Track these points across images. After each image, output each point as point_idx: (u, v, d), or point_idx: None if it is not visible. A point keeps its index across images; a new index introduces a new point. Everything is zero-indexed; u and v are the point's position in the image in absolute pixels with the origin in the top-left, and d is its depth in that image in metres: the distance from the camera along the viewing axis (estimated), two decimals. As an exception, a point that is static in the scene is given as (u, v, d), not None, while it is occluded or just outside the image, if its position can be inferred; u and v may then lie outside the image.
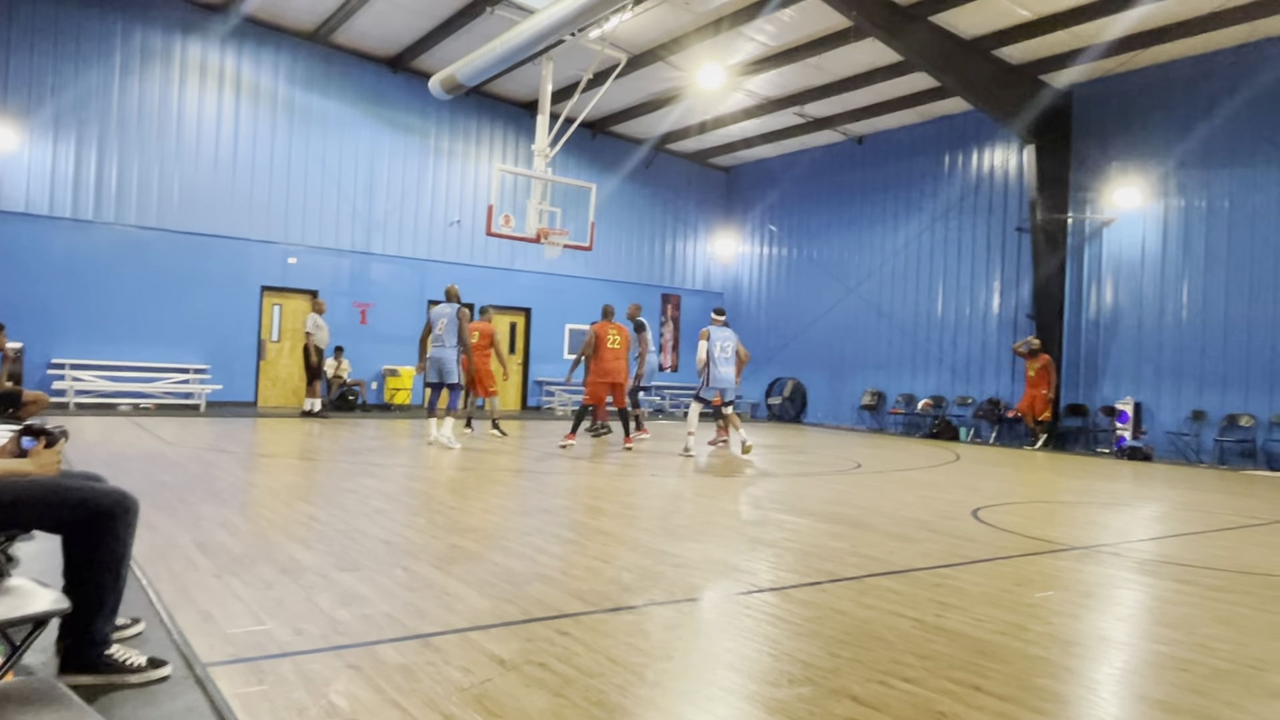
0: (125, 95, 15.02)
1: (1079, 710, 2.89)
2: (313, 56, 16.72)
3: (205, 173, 15.76)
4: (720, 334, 10.90)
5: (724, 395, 11.07)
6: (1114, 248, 15.05)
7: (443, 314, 10.87)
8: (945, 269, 17.62)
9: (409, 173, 17.92)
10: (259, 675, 2.82)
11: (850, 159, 19.61)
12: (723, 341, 10.88)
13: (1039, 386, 14.84)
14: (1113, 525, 7.04)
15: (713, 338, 10.78)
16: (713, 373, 10.75)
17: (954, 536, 6.01)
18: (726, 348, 10.91)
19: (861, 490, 8.42)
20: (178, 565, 4.22)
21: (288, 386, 16.75)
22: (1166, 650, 3.58)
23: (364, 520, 5.65)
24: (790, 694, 2.88)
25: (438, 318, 10.89)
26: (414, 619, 3.52)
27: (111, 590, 2.70)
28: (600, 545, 5.21)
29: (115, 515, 2.67)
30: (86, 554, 2.65)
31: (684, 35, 14.83)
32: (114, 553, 2.68)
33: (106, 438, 10.03)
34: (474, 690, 2.77)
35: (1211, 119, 13.72)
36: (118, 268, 14.89)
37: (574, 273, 19.64)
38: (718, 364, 10.76)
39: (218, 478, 7.27)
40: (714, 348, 10.76)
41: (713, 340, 10.77)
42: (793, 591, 4.26)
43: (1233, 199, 13.59)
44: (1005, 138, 16.31)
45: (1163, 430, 14.08)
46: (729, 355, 10.93)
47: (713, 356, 10.74)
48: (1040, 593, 4.47)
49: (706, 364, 10.73)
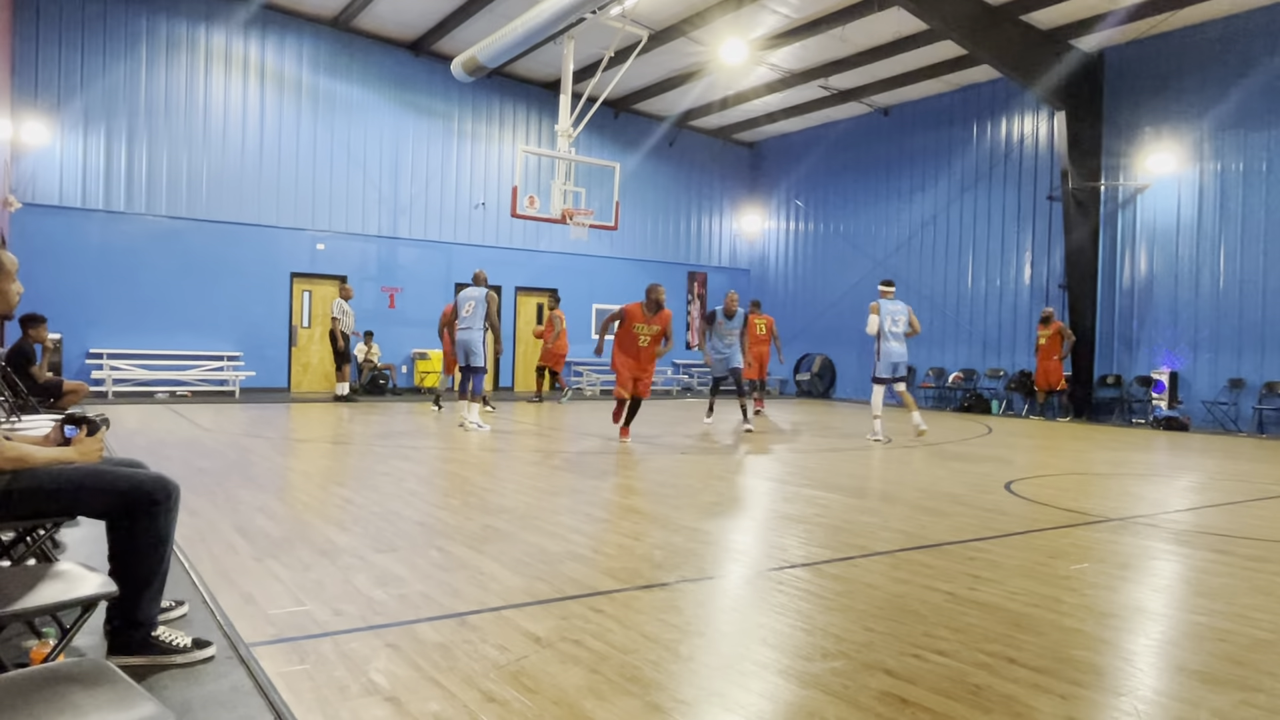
0: (152, 87, 15.18)
1: (1115, 682, 2.87)
2: (335, 42, 16.77)
3: (233, 161, 15.91)
4: (890, 306, 10.32)
5: (896, 371, 10.42)
6: (1148, 214, 14.77)
7: (470, 297, 10.91)
8: (975, 240, 17.40)
9: (433, 156, 17.97)
10: (300, 655, 2.88)
11: (876, 131, 19.37)
12: (894, 314, 10.30)
13: (1050, 355, 14.64)
14: (1148, 496, 6.96)
15: (883, 310, 10.24)
16: (883, 347, 10.26)
17: (987, 510, 5.98)
18: (898, 320, 10.32)
19: (892, 465, 8.39)
20: (218, 549, 4.30)
21: (319, 372, 16.95)
22: (1205, 621, 3.54)
23: (398, 502, 5.72)
24: (824, 668, 2.89)
25: (464, 301, 10.93)
26: (450, 598, 3.57)
27: (156, 573, 2.77)
28: (632, 524, 5.24)
29: (157, 500, 2.73)
30: (130, 538, 2.71)
31: (706, 9, 14.69)
32: (156, 537, 2.74)
33: (145, 425, 10.22)
34: (510, 667, 2.81)
35: (1246, 80, 13.38)
36: (150, 258, 15.11)
37: (599, 252, 19.63)
38: (889, 338, 10.23)
39: (254, 463, 7.39)
40: (884, 321, 10.22)
41: (883, 313, 10.23)
42: (824, 566, 4.27)
43: (1270, 161, 13.27)
44: (1034, 105, 16.02)
45: (1199, 399, 13.86)
46: (900, 329, 10.32)
47: (884, 330, 10.21)
48: (1075, 565, 4.44)
49: (878, 339, 10.28)
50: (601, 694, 2.62)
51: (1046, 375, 14.72)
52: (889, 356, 10.28)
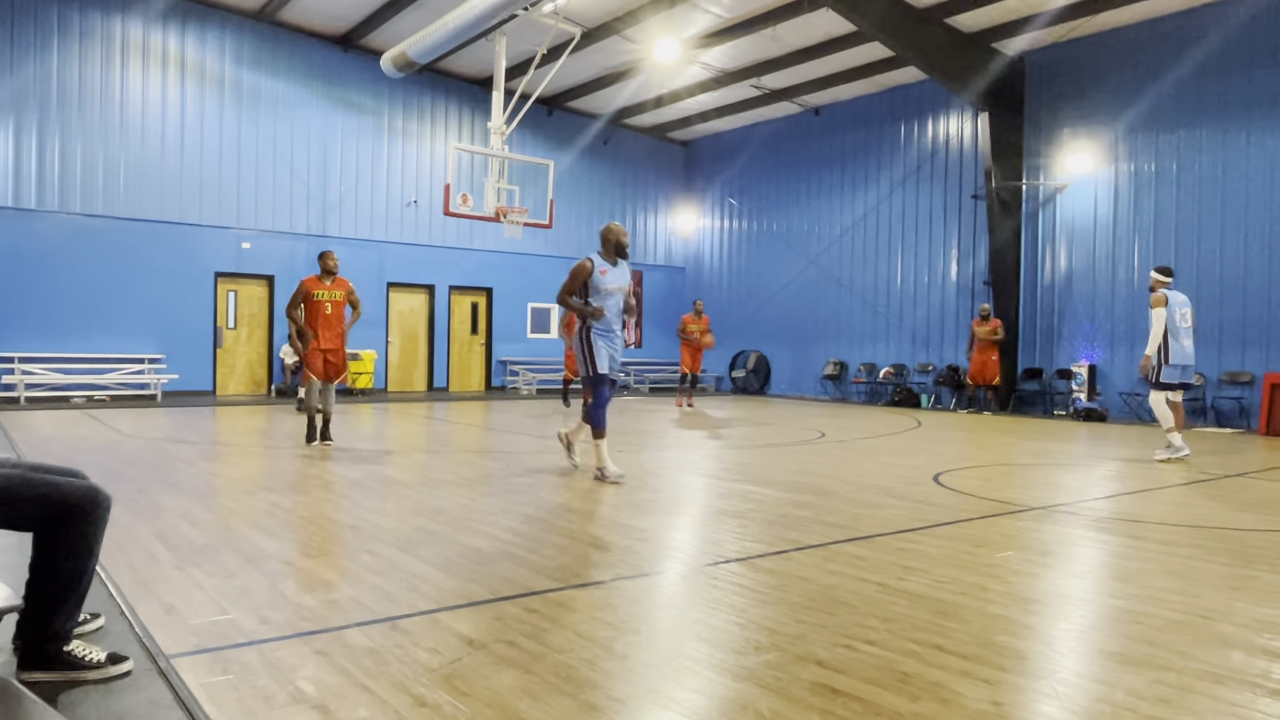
0: (65, 79, 14.58)
1: (1038, 665, 2.96)
2: (259, 35, 16.33)
3: (152, 157, 15.38)
4: (1177, 298, 8.69)
5: (1184, 376, 8.74)
6: (1067, 213, 15.28)
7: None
8: (904, 238, 17.78)
9: (363, 153, 17.64)
10: (224, 665, 2.80)
11: (808, 130, 19.65)
12: (1181, 308, 8.69)
13: (990, 351, 15.06)
14: (1069, 485, 7.20)
15: (1170, 304, 8.60)
16: (1173, 348, 8.54)
17: (916, 501, 6.11)
18: (1186, 315, 8.71)
19: (825, 459, 8.52)
20: (138, 558, 4.15)
21: (246, 374, 16.51)
22: (1121, 604, 3.68)
23: (328, 506, 5.60)
24: (757, 661, 2.92)
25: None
26: (381, 602, 3.50)
27: (75, 587, 2.66)
28: (568, 522, 5.22)
29: (85, 510, 2.62)
30: (51, 549, 2.60)
31: (638, 8, 14.71)
32: (79, 549, 2.64)
33: (60, 431, 9.82)
34: (443, 670, 2.77)
35: (1157, 84, 13.94)
36: (65, 257, 14.52)
37: (534, 251, 19.51)
38: (1179, 335, 8.57)
39: (177, 468, 7.15)
40: (1173, 316, 8.59)
41: (1171, 306, 8.58)
42: (759, 561, 4.31)
43: (1180, 162, 13.84)
44: (960, 106, 16.44)
45: (1116, 391, 14.40)
46: (1189, 325, 8.73)
47: (1173, 327, 8.56)
48: (1000, 553, 4.56)
49: (1165, 339, 8.57)
50: (536, 695, 2.60)
51: (983, 370, 15.11)
52: (1179, 358, 8.61)
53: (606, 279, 6.77)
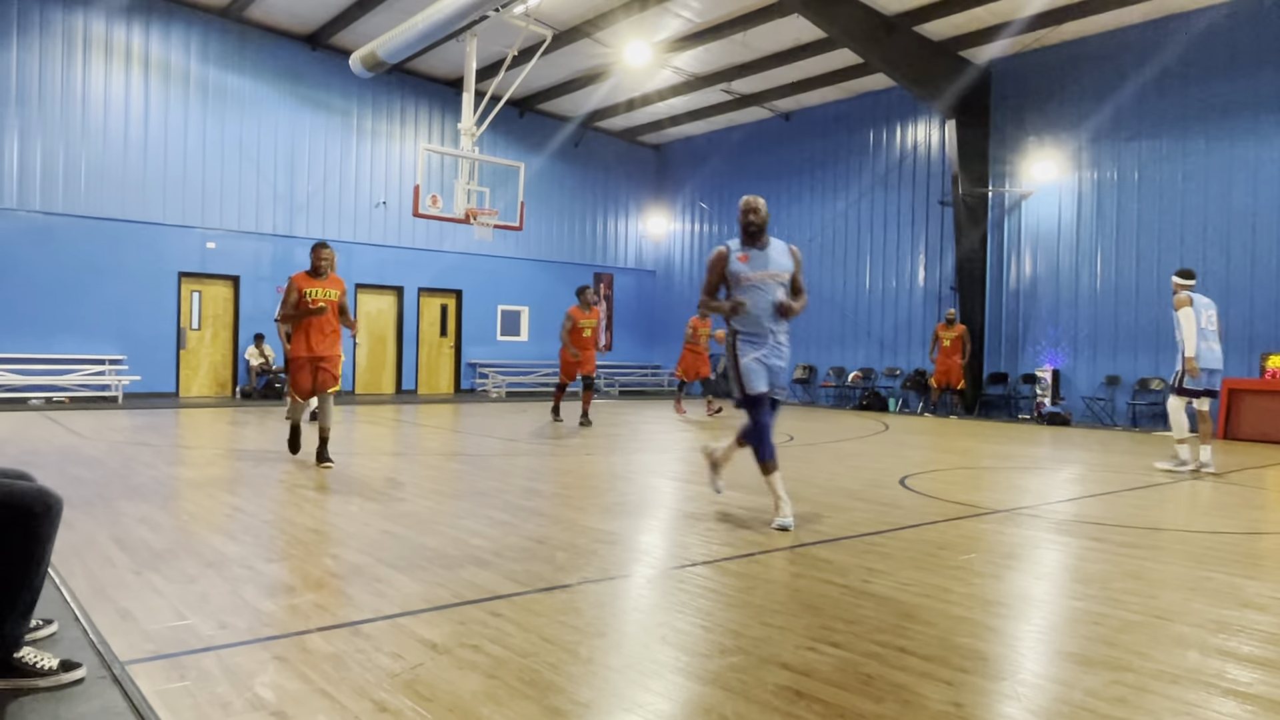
0: (25, 75, 14.29)
1: (999, 667, 2.99)
2: (225, 33, 16.12)
3: (115, 155, 15.12)
4: (1201, 301, 8.37)
5: (1209, 382, 8.36)
6: (1032, 220, 15.50)
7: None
8: (872, 243, 17.93)
9: (331, 153, 17.47)
10: (180, 671, 2.75)
11: (778, 136, 19.76)
12: (1207, 310, 8.40)
13: (954, 355, 15.21)
14: (1032, 488, 7.29)
15: (1195, 305, 8.25)
16: (1200, 350, 8.21)
17: (882, 504, 6.16)
18: (1211, 318, 8.42)
19: (793, 462, 8.55)
20: (94, 563, 4.07)
21: (210, 376, 16.28)
22: (1082, 606, 3.72)
23: (292, 509, 5.53)
24: (722, 664, 2.92)
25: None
26: (343, 607, 3.46)
27: (25, 591, 2.60)
28: (534, 526, 5.19)
29: (35, 513, 2.57)
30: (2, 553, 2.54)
31: (610, 11, 14.71)
32: (29, 553, 2.58)
33: (17, 434, 9.61)
34: (405, 676, 2.74)
35: (1119, 93, 14.19)
36: (23, 255, 14.22)
37: (504, 253, 19.43)
38: (1204, 338, 8.28)
39: (137, 472, 7.03)
40: (1199, 317, 8.26)
41: (1196, 308, 8.24)
42: (726, 564, 4.32)
43: (1141, 170, 14.09)
44: (928, 113, 16.61)
45: (1080, 395, 14.62)
46: (1214, 328, 8.44)
47: (1200, 329, 8.27)
48: (964, 555, 4.61)
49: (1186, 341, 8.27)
50: (499, 699, 2.58)
51: (948, 374, 15.25)
52: (1204, 361, 8.27)
53: (747, 266, 5.42)
